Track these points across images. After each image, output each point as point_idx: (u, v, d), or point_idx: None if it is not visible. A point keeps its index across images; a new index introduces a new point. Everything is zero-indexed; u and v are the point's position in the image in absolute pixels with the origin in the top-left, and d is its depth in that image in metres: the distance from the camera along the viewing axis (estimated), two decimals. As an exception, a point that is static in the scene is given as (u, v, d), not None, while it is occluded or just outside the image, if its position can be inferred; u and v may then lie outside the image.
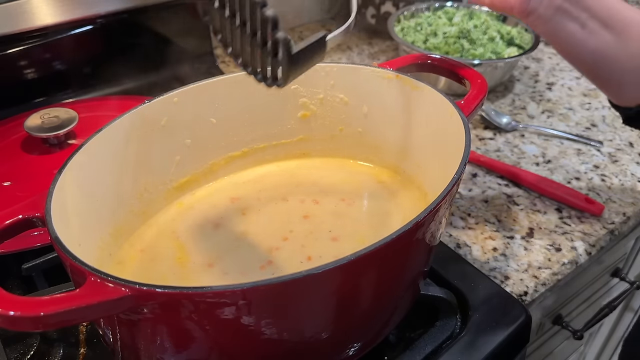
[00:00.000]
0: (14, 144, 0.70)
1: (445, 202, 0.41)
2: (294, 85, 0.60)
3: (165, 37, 0.90)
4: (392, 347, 0.54)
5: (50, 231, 0.40)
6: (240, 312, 0.36)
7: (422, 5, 1.03)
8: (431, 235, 0.44)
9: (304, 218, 0.57)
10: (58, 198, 0.43)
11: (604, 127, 0.87)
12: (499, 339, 0.54)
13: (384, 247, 0.37)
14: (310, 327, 0.41)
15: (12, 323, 0.33)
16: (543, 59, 1.06)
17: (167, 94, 0.55)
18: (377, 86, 0.58)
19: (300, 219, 0.56)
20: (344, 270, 0.36)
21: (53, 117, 0.68)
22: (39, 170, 0.66)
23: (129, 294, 0.34)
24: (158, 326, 0.38)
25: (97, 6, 0.79)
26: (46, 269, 0.56)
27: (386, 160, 0.62)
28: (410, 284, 0.49)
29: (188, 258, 0.53)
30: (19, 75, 0.80)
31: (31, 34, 0.77)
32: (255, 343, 0.39)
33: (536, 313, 0.73)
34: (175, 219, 0.58)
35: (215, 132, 0.60)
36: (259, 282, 0.34)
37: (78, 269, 0.36)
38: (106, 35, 0.84)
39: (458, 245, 0.65)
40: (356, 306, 0.42)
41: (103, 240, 0.51)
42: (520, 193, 0.74)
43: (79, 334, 0.55)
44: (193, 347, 0.39)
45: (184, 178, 0.60)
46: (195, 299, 0.35)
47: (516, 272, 0.62)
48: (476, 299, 0.56)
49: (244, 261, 0.52)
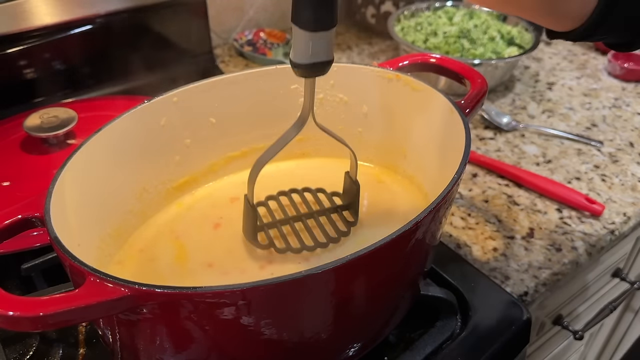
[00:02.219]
0: (13, 143, 0.70)
1: (445, 203, 0.41)
2: (294, 85, 0.60)
3: (165, 36, 0.90)
4: (392, 347, 0.54)
5: (50, 231, 0.40)
6: (239, 312, 0.36)
7: (422, 5, 1.03)
8: (431, 236, 0.44)
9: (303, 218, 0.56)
10: (57, 198, 0.43)
11: (605, 127, 0.87)
12: (499, 339, 0.54)
13: (383, 247, 0.37)
14: (309, 328, 0.41)
15: (11, 323, 0.33)
16: (543, 59, 1.06)
17: (167, 94, 0.55)
18: (377, 86, 0.58)
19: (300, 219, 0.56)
20: (343, 271, 0.36)
21: (52, 117, 0.68)
22: (39, 170, 0.66)
23: (128, 294, 0.34)
24: (157, 326, 0.38)
25: (96, 6, 0.79)
26: (45, 269, 0.56)
27: (386, 160, 0.62)
28: (410, 284, 0.49)
29: (188, 258, 0.53)
30: (18, 75, 0.80)
31: (30, 33, 0.77)
32: (254, 343, 0.39)
33: (536, 313, 0.73)
34: (174, 219, 0.58)
35: (214, 132, 0.60)
36: (259, 283, 0.34)
37: (77, 269, 0.36)
38: (106, 35, 0.84)
39: (458, 246, 0.65)
40: (356, 306, 0.42)
41: (102, 241, 0.51)
42: (520, 193, 0.74)
43: (79, 334, 0.55)
44: (192, 347, 0.39)
45: (183, 178, 0.60)
46: (195, 299, 0.34)
47: (516, 272, 0.62)
48: (476, 299, 0.56)
49: (243, 261, 0.52)
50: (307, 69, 0.41)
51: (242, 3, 1.08)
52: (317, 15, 0.38)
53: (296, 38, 0.40)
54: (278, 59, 1.04)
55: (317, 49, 0.40)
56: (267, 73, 0.59)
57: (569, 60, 1.06)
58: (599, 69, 1.03)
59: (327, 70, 0.42)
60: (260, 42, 1.08)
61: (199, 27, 0.94)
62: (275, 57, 1.05)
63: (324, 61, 0.41)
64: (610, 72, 1.00)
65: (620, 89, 0.97)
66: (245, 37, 1.08)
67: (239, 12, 1.08)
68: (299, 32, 0.39)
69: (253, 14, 1.10)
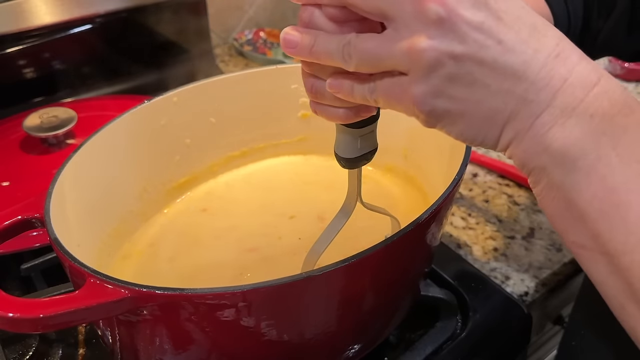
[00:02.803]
0: (12, 143, 0.70)
1: (446, 203, 0.41)
2: (294, 85, 0.60)
3: (165, 36, 0.90)
4: (393, 348, 0.53)
5: (50, 232, 0.40)
6: (240, 313, 0.35)
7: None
8: (432, 236, 0.44)
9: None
10: (57, 198, 0.43)
11: (605, 126, 0.87)
12: (499, 340, 0.54)
13: (384, 248, 0.37)
14: (310, 329, 0.41)
15: (11, 325, 0.33)
16: (543, 59, 1.06)
17: (167, 94, 0.55)
18: (378, 86, 0.58)
19: (300, 219, 0.56)
20: (344, 272, 0.36)
21: (52, 117, 0.68)
22: (38, 171, 0.66)
23: (129, 295, 0.34)
24: (157, 328, 0.38)
25: (96, 5, 0.79)
26: (45, 269, 0.56)
27: (386, 161, 0.62)
28: (411, 285, 0.49)
29: (188, 258, 0.53)
30: (17, 75, 0.80)
31: (30, 33, 0.77)
32: (255, 345, 0.39)
33: (536, 313, 0.73)
34: (175, 219, 0.58)
35: (214, 132, 0.60)
36: (259, 284, 0.34)
37: (77, 270, 0.36)
38: (105, 34, 0.84)
39: (458, 246, 0.65)
40: (356, 307, 0.42)
41: (102, 241, 0.51)
42: (521, 193, 0.73)
43: (78, 334, 0.55)
44: (193, 348, 0.39)
45: (183, 178, 0.60)
46: (195, 301, 0.34)
47: (517, 272, 0.62)
48: (476, 300, 0.56)
49: (243, 261, 0.52)
50: (355, 162, 0.39)
51: (242, 2, 1.08)
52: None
53: (340, 135, 0.38)
54: (278, 58, 1.04)
55: (364, 143, 0.38)
56: (267, 73, 0.59)
57: (569, 59, 1.06)
58: (599, 69, 1.03)
59: (373, 157, 0.40)
60: (260, 41, 1.08)
61: (199, 26, 0.94)
62: (275, 56, 1.05)
63: (371, 151, 0.39)
64: (611, 72, 1.00)
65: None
66: (245, 37, 1.08)
67: (238, 11, 1.08)
68: (344, 130, 0.37)
69: (253, 13, 1.10)
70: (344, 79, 0.30)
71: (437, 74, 0.27)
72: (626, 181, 0.26)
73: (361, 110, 0.33)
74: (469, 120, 0.28)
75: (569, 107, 0.27)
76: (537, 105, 0.27)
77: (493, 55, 0.27)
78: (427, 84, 0.28)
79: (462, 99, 0.28)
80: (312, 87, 0.32)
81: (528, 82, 0.27)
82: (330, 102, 0.32)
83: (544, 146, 0.27)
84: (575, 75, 0.27)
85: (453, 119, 0.29)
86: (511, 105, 0.27)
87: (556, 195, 0.29)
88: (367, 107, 0.33)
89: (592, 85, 0.27)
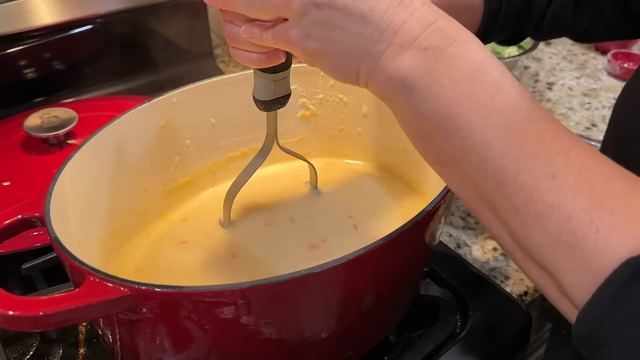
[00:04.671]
0: (13, 143, 0.70)
1: (444, 202, 0.41)
2: (294, 85, 0.60)
3: (165, 37, 0.90)
4: (392, 347, 0.54)
5: (50, 231, 0.40)
6: (239, 311, 0.36)
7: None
8: (431, 235, 0.44)
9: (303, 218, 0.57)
10: (57, 198, 0.43)
11: (604, 127, 0.87)
12: (499, 339, 0.54)
13: (382, 246, 0.37)
14: (309, 327, 0.41)
15: (11, 323, 0.33)
16: (543, 59, 1.06)
17: (167, 94, 0.55)
18: (377, 86, 0.58)
19: (300, 219, 0.56)
20: (342, 270, 0.36)
21: (52, 117, 0.68)
22: (39, 170, 0.66)
23: (128, 293, 0.34)
24: (157, 326, 0.38)
25: (96, 6, 0.79)
26: (45, 269, 0.56)
27: (386, 161, 0.62)
28: (410, 284, 0.49)
29: (188, 258, 0.53)
30: (18, 75, 0.80)
31: (31, 33, 0.77)
32: (254, 343, 0.39)
33: (536, 313, 0.73)
34: (175, 219, 0.58)
35: (214, 132, 0.60)
36: (258, 282, 0.34)
37: (77, 269, 0.36)
38: (106, 35, 0.84)
39: (458, 245, 0.65)
40: (355, 306, 0.42)
41: (103, 241, 0.51)
42: (520, 193, 0.73)
43: (79, 333, 0.55)
44: (192, 346, 0.39)
45: (183, 178, 0.60)
46: (194, 299, 0.35)
47: (516, 272, 0.62)
48: (476, 299, 0.56)
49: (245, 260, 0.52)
50: (270, 105, 0.46)
51: (242, 3, 1.08)
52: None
53: (257, 79, 0.44)
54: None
55: (278, 88, 0.44)
56: (267, 73, 0.59)
57: (568, 60, 1.06)
58: (598, 69, 1.03)
59: (287, 102, 0.46)
60: (260, 42, 1.08)
61: (199, 27, 0.94)
62: (275, 57, 1.05)
63: (284, 95, 0.46)
64: (610, 72, 1.00)
65: (620, 89, 0.97)
66: (245, 37, 1.08)
67: (239, 12, 1.08)
68: (260, 74, 0.43)
69: (253, 14, 1.10)
70: (254, 26, 0.37)
71: (305, 19, 0.33)
72: (457, 96, 0.30)
73: (272, 56, 0.39)
74: (333, 58, 0.34)
75: (406, 43, 0.32)
76: (381, 43, 0.32)
77: (345, 3, 0.32)
78: (299, 28, 0.34)
79: (326, 39, 0.34)
80: (230, 33, 0.38)
81: (374, 24, 0.32)
82: (246, 47, 0.39)
83: (389, 77, 0.32)
84: (414, 17, 0.32)
85: (323, 57, 0.35)
86: (362, 45, 0.33)
87: (409, 119, 0.33)
88: (277, 54, 0.39)
89: (428, 24, 0.32)
